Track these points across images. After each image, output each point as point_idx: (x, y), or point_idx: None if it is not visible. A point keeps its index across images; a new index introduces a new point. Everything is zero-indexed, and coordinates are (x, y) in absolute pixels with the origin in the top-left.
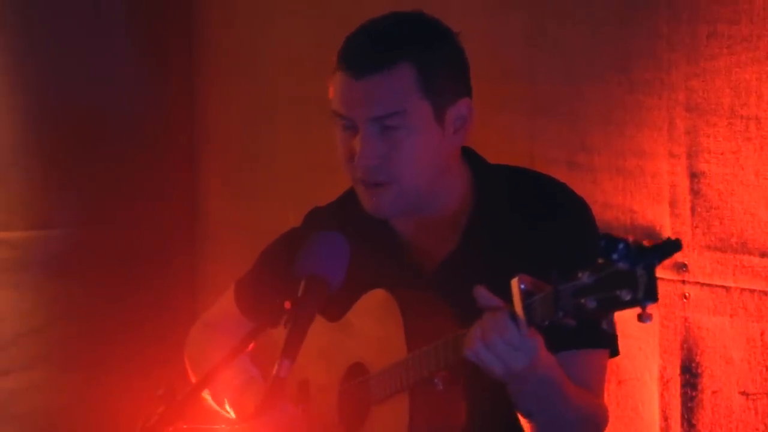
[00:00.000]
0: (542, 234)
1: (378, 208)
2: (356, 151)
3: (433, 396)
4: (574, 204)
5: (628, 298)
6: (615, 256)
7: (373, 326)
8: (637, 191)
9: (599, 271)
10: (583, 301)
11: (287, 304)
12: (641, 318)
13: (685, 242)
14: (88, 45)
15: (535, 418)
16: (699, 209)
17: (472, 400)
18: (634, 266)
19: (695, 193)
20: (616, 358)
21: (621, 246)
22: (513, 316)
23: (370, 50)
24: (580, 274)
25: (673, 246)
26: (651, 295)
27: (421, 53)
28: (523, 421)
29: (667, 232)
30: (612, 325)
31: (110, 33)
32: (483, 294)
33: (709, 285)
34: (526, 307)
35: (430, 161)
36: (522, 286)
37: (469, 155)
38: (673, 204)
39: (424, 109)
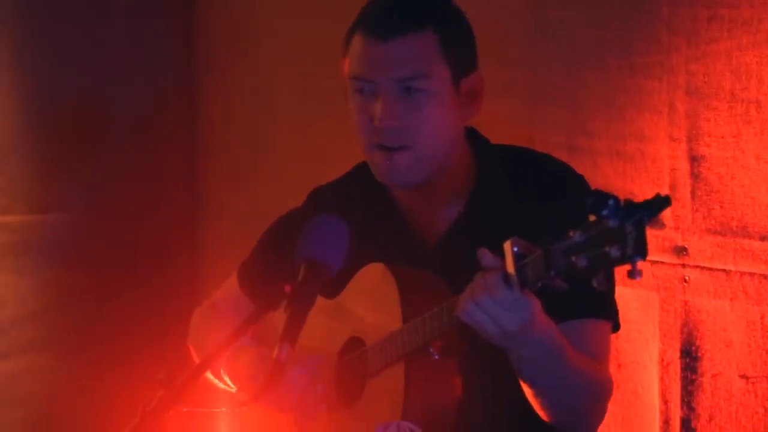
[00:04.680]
0: (541, 211)
1: (394, 173)
2: (375, 113)
3: (428, 366)
4: (573, 182)
5: (618, 254)
6: (605, 212)
7: (371, 300)
8: (638, 175)
9: (590, 229)
10: (574, 259)
11: (287, 288)
12: (631, 274)
13: (685, 226)
14: (88, 31)
15: (537, 384)
16: (699, 193)
17: (469, 374)
18: (623, 222)
19: (695, 176)
20: (617, 342)
21: (611, 202)
22: (505, 276)
23: (396, 15)
24: (571, 233)
25: (662, 202)
26: (640, 250)
27: (442, 22)
28: (526, 388)
29: (668, 216)
30: (603, 283)
31: (109, 18)
32: (485, 256)
33: (709, 268)
34: (519, 269)
35: (447, 129)
36: (515, 249)
37: (471, 134)
38: (673, 188)
39: (444, 74)
